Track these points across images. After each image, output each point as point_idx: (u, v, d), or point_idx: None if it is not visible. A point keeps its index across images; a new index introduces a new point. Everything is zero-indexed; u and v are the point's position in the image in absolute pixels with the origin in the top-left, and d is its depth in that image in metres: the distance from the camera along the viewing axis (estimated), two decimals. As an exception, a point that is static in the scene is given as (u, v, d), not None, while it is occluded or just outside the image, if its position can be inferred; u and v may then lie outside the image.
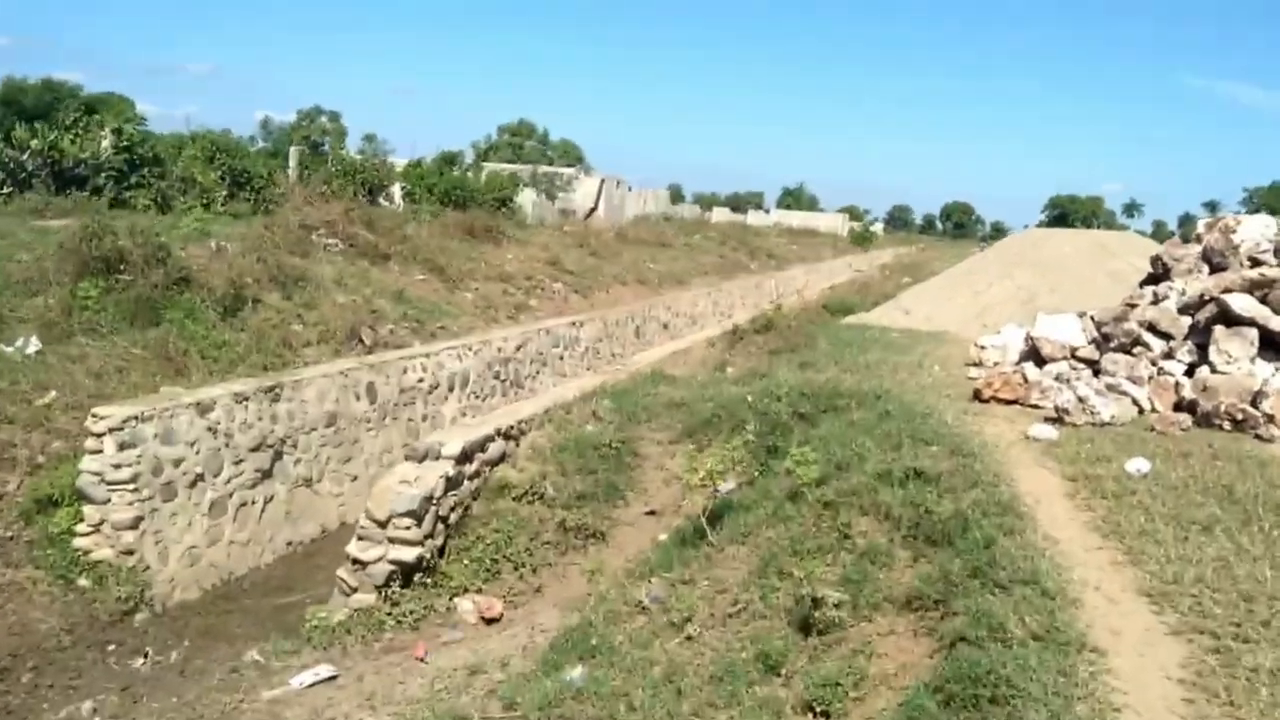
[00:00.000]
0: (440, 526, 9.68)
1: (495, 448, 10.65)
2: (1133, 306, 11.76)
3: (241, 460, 11.45)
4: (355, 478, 13.41)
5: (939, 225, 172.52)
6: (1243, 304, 10.09)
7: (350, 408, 13.68)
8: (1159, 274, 12.32)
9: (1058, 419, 9.54)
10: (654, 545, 9.93)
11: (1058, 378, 10.80)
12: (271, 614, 10.30)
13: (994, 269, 19.26)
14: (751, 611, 7.26)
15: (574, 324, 21.79)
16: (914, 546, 6.98)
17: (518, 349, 19.00)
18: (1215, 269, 11.33)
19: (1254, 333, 9.98)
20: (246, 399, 11.65)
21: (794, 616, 6.84)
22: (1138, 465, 7.57)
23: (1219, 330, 10.14)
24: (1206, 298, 10.62)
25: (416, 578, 9.35)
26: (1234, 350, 9.98)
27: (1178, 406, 10.05)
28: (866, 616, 6.47)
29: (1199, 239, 12.07)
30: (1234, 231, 11.26)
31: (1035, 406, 10.37)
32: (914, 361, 13.49)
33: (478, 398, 17.12)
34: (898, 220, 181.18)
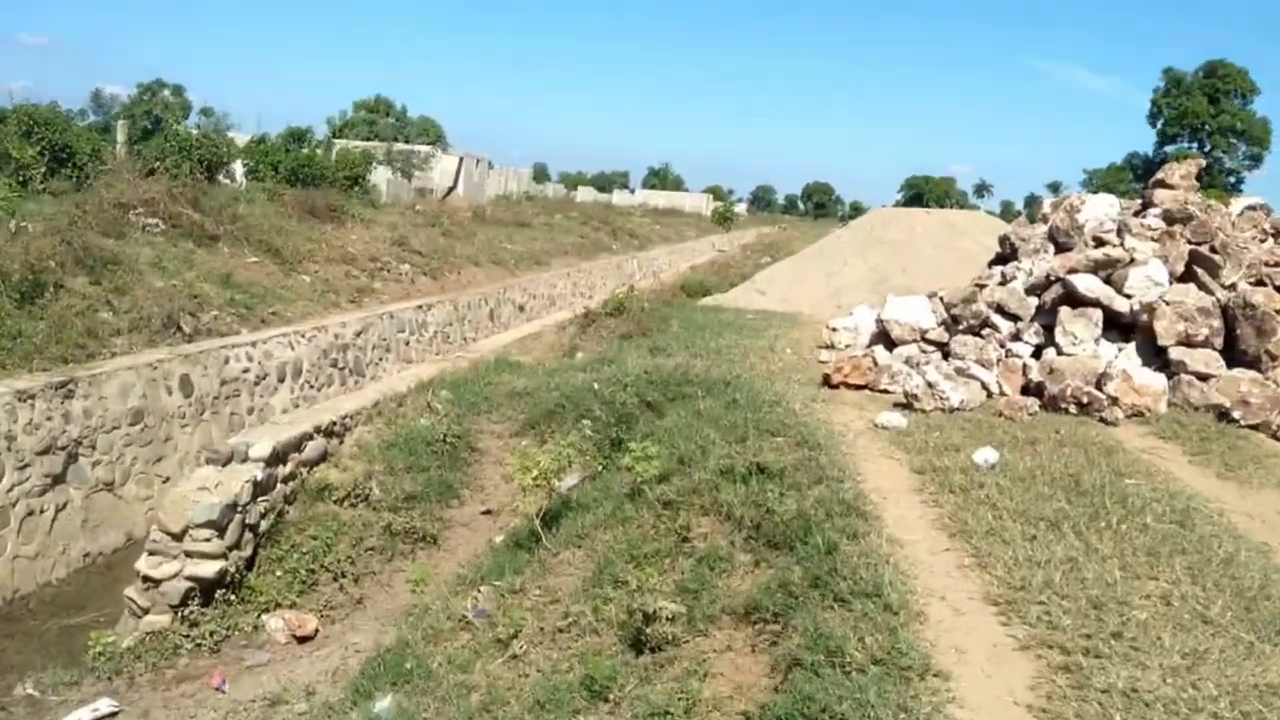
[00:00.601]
0: (248, 536, 8.73)
1: (314, 446, 9.72)
2: (981, 287, 11.59)
3: (26, 465, 10.20)
4: (167, 479, 12.21)
5: (801, 205, 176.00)
6: (1087, 284, 9.97)
7: (160, 403, 12.46)
8: (1007, 254, 12.20)
9: (907, 405, 9.22)
10: (489, 549, 9.23)
11: (907, 361, 10.52)
12: (57, 638, 9.14)
13: (847, 249, 19.13)
14: (582, 626, 6.62)
15: (421, 307, 20.77)
16: (755, 550, 6.46)
17: (358, 335, 17.91)
18: (1061, 249, 11.23)
19: (1098, 313, 9.87)
20: (32, 397, 10.38)
21: (626, 631, 6.23)
22: (985, 456, 7.24)
23: (1064, 311, 10.00)
24: (1052, 278, 10.48)
25: (219, 594, 8.40)
26: (1079, 331, 9.84)
27: (1025, 389, 9.87)
28: (702, 630, 5.91)
29: (1045, 219, 11.99)
30: (1078, 211, 11.18)
31: (885, 391, 10.05)
32: (766, 345, 13.09)
33: (312, 388, 16.00)
34: (761, 201, 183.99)
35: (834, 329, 13.16)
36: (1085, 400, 8.83)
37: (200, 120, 53.91)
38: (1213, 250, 10.08)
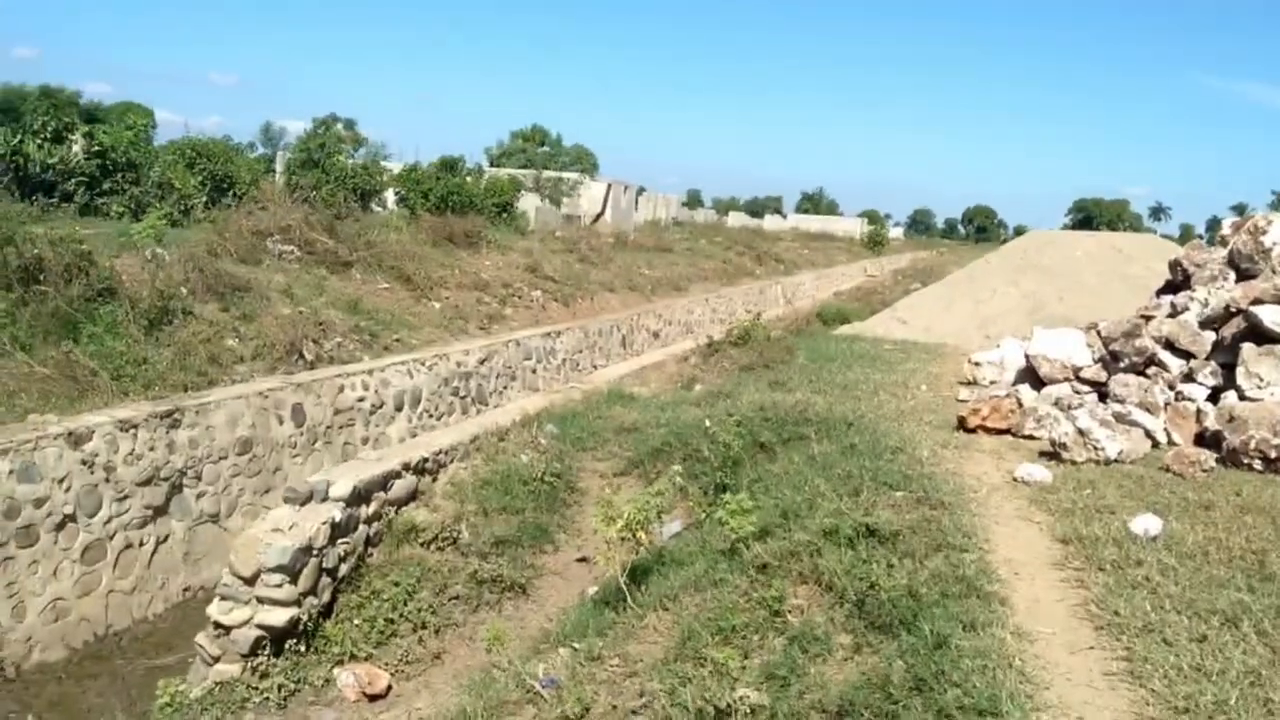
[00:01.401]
0: (326, 581, 8.25)
1: (402, 485, 9.22)
2: (1147, 319, 10.21)
3: (126, 496, 10.06)
4: (275, 511, 12.00)
5: (960, 229, 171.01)
6: (1276, 317, 8.53)
7: (270, 432, 12.28)
8: (1178, 282, 10.75)
9: (1054, 455, 8.03)
10: (579, 602, 8.49)
11: (1057, 403, 9.27)
12: (142, 679, 8.87)
13: (998, 275, 17.67)
14: (656, 710, 5.78)
15: (549, 334, 20.35)
16: (857, 631, 5.49)
17: (481, 363, 17.57)
18: (1243, 276, 9.76)
19: (1290, 351, 8.43)
20: (134, 426, 10.26)
21: (703, 721, 5.38)
22: (1146, 524, 6.04)
23: (1248, 348, 8.58)
24: (1233, 310, 9.06)
25: (291, 644, 7.92)
26: (1265, 373, 8.42)
27: (1199, 439, 8.51)
28: (788, 729, 4.99)
29: (1224, 242, 10.50)
30: (1264, 233, 9.69)
31: (1030, 437, 8.86)
32: (900, 380, 11.97)
33: (432, 417, 15.70)
34: (919, 224, 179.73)
35: (976, 363, 11.95)
36: (1273, 455, 7.45)
37: (350, 150, 55.83)
38: None
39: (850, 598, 5.75)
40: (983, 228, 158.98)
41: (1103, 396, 9.41)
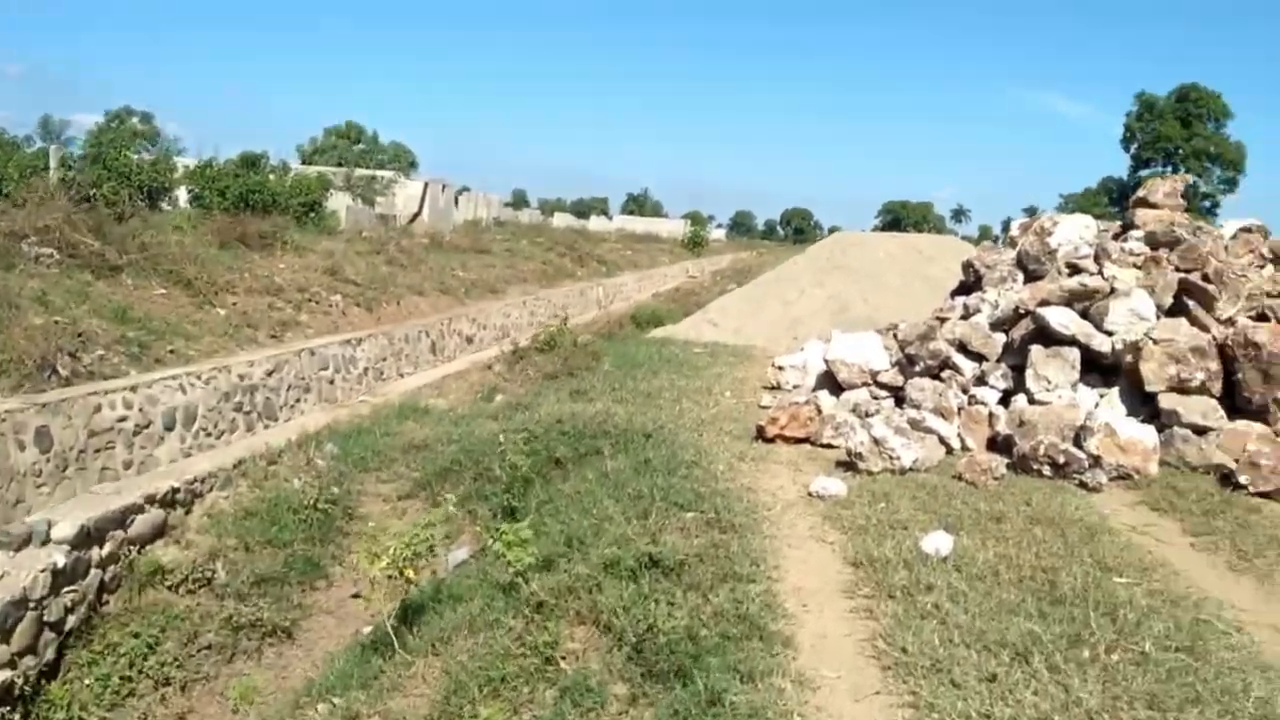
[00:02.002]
0: (49, 637, 7.13)
1: (146, 520, 8.16)
2: (943, 321, 10.15)
3: None
4: (13, 550, 10.55)
5: (780, 230, 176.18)
6: (1061, 318, 8.53)
7: (10, 460, 10.80)
8: (971, 283, 10.78)
9: (851, 465, 7.74)
10: (354, 643, 7.67)
11: (855, 409, 9.04)
12: None
13: (806, 276, 17.71)
14: (409, 782, 5.09)
15: (349, 342, 19.13)
16: (634, 680, 4.92)
17: (269, 374, 16.23)
18: (1031, 277, 9.82)
19: (1075, 353, 8.43)
20: None
21: (460, 794, 4.71)
22: (937, 543, 5.73)
23: (1036, 350, 8.55)
24: (1022, 311, 9.05)
25: (3, 712, 6.78)
26: (1053, 374, 8.39)
27: (992, 443, 8.41)
28: (553, 802, 4.38)
29: (1013, 243, 10.58)
30: (1050, 234, 9.76)
31: (829, 446, 8.57)
32: (704, 386, 11.60)
33: (210, 436, 14.31)
34: (741, 226, 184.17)
35: (780, 367, 11.70)
36: (1062, 460, 7.36)
37: (139, 145, 52.02)
38: (1205, 279, 8.67)
39: (629, 640, 5.19)
40: (800, 229, 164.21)
41: (900, 401, 9.25)
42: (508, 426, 10.29)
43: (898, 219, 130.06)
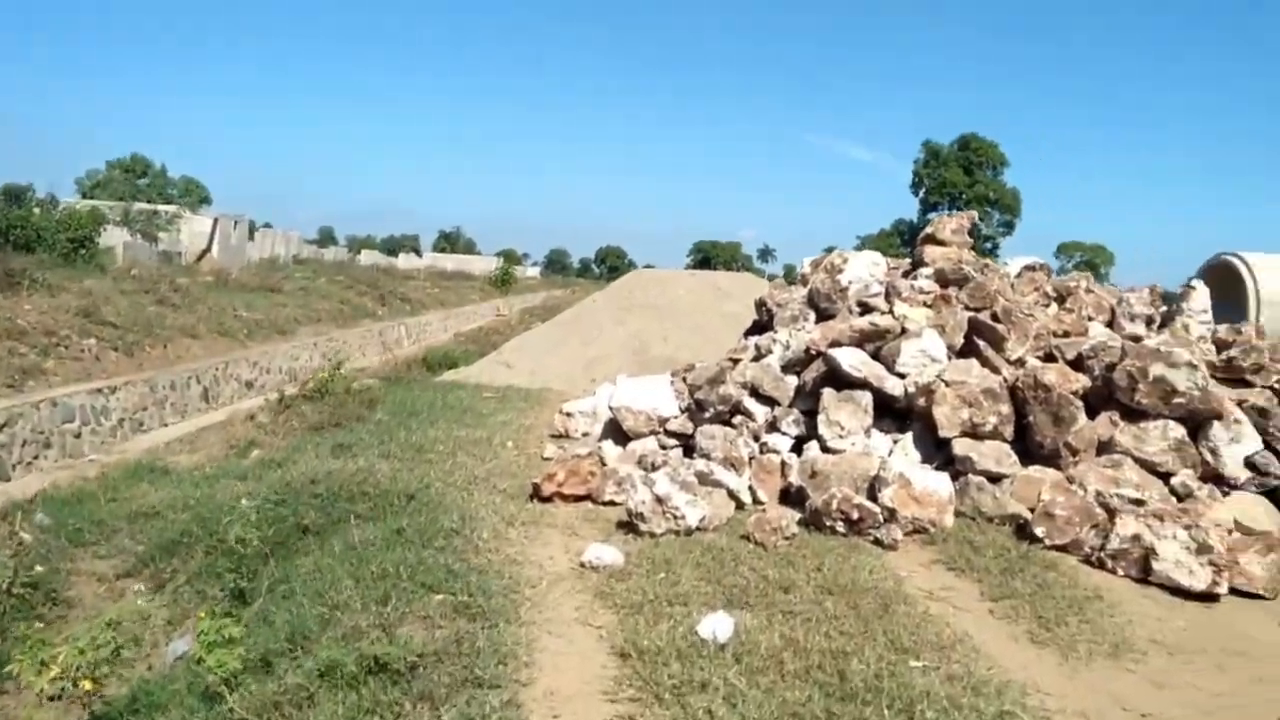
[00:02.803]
0: None
1: None
2: (735, 361, 9.56)
3: None
4: None
5: (595, 268, 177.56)
6: (853, 360, 8.04)
7: None
8: (764, 322, 10.27)
9: (632, 526, 6.93)
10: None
11: (641, 461, 8.27)
12: None
13: (605, 314, 17.03)
14: None
15: (100, 390, 17.13)
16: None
17: (1, 428, 14.21)
18: (823, 316, 9.36)
19: (867, 397, 7.94)
20: None
21: None
22: (716, 626, 4.95)
23: (828, 394, 8.02)
24: (813, 352, 8.53)
25: None
26: (846, 420, 7.87)
27: (785, 494, 7.80)
28: None
29: (805, 280, 10.14)
30: (841, 271, 9.35)
31: (612, 503, 7.76)
32: (485, 436, 10.60)
33: (-89, 504, 12.27)
34: (556, 264, 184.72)
35: (568, 413, 10.87)
36: (856, 516, 6.78)
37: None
38: (995, 318, 8.39)
39: (338, 775, 4.15)
40: (614, 267, 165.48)
41: (691, 450, 8.55)
42: (254, 489, 9.01)
43: (708, 258, 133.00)
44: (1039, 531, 6.53)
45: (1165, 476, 7.34)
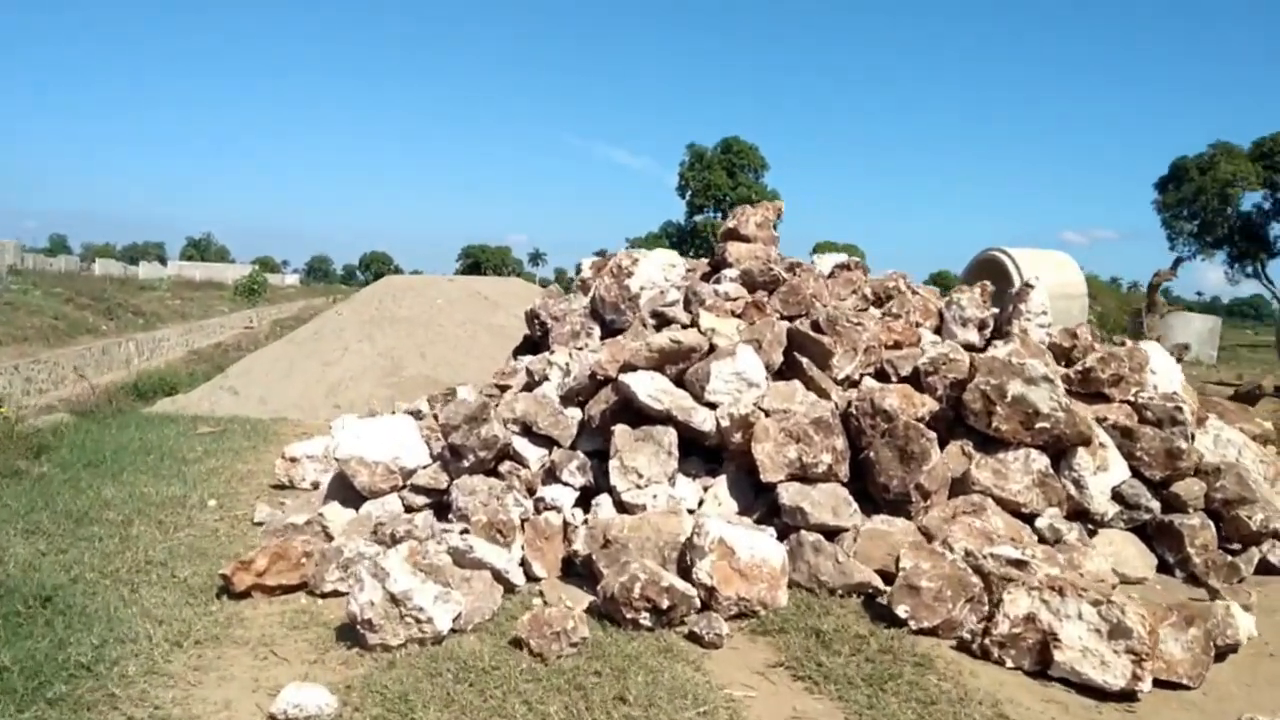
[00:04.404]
0: None
1: None
2: (503, 389, 7.66)
3: None
4: None
5: (360, 275, 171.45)
6: (652, 388, 6.30)
7: None
8: (537, 338, 8.41)
9: (359, 637, 4.90)
10: None
11: (377, 532, 6.21)
12: None
13: (351, 329, 14.65)
14: None
15: None
16: None
17: None
18: (610, 330, 7.62)
19: (671, 434, 6.21)
20: None
21: None
22: None
23: (622, 433, 6.24)
24: (600, 377, 6.74)
25: None
26: (645, 465, 6.11)
27: (570, 566, 5.98)
28: None
29: (585, 287, 8.34)
30: (630, 274, 7.60)
31: (337, 593, 5.69)
32: (183, 493, 8.18)
33: None
34: (318, 271, 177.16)
35: (293, 459, 8.63)
36: (666, 604, 5.02)
37: None
38: (817, 328, 6.87)
39: None
40: (380, 273, 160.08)
41: (446, 509, 6.57)
42: None
43: (478, 263, 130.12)
44: (902, 611, 4.98)
45: (1029, 518, 6.03)
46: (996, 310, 7.86)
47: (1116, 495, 6.18)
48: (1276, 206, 70.71)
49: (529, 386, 7.24)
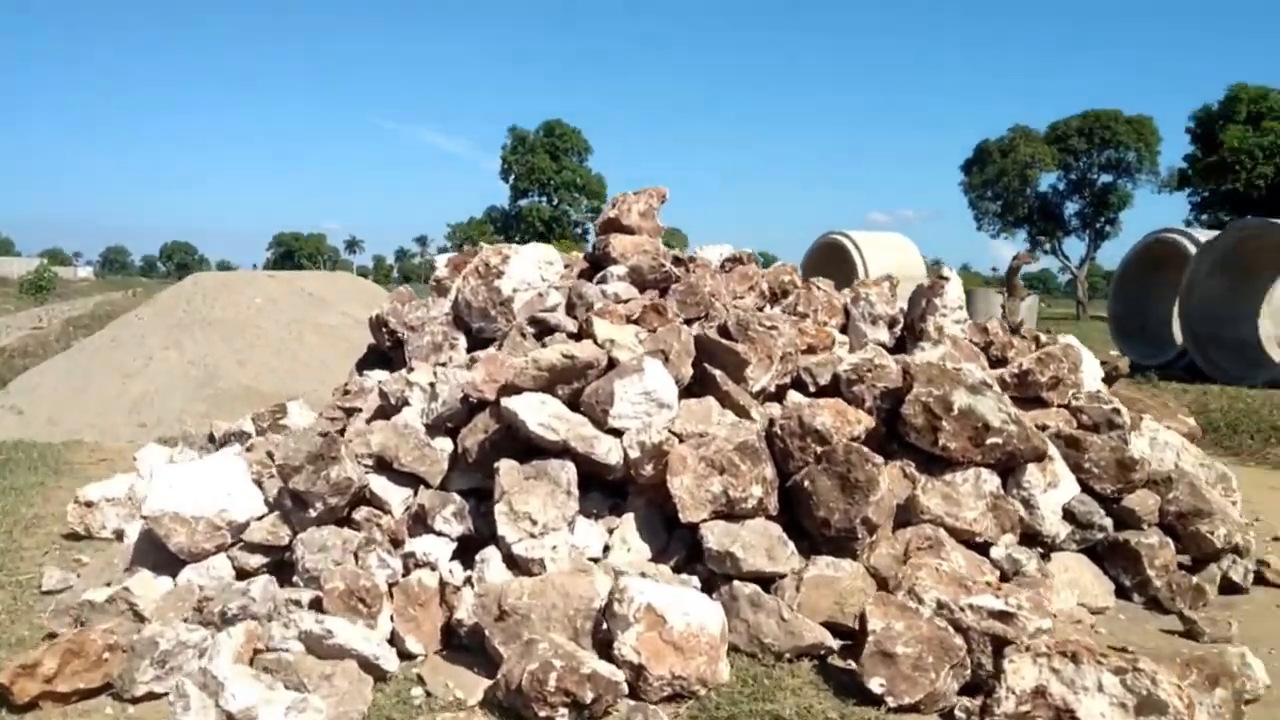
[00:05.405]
0: None
1: None
2: (349, 413, 6.42)
3: None
4: None
5: (161, 267, 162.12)
6: (544, 415, 5.21)
7: None
8: (386, 349, 7.16)
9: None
10: None
11: (201, 608, 4.91)
12: None
13: (156, 333, 12.83)
14: None
15: None
16: None
17: None
18: (479, 341, 6.47)
19: (570, 470, 5.15)
20: None
21: None
22: None
23: (509, 471, 5.13)
24: (475, 400, 5.60)
25: None
26: (539, 509, 5.03)
27: (451, 637, 4.87)
28: None
29: (442, 288, 7.14)
30: (500, 274, 6.46)
31: (153, 696, 4.39)
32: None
33: None
34: (115, 263, 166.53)
35: (89, 503, 7.10)
36: (589, 696, 3.98)
37: None
38: (725, 333, 5.94)
39: None
40: (183, 264, 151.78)
41: (290, 570, 5.33)
42: None
43: (290, 251, 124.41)
44: (877, 685, 4.11)
45: (983, 548, 5.30)
46: (905, 306, 7.15)
47: (1067, 513, 5.54)
48: (1070, 186, 75.13)
49: (385, 412, 6.03)
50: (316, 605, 4.85)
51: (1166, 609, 5.29)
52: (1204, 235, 19.83)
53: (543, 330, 6.09)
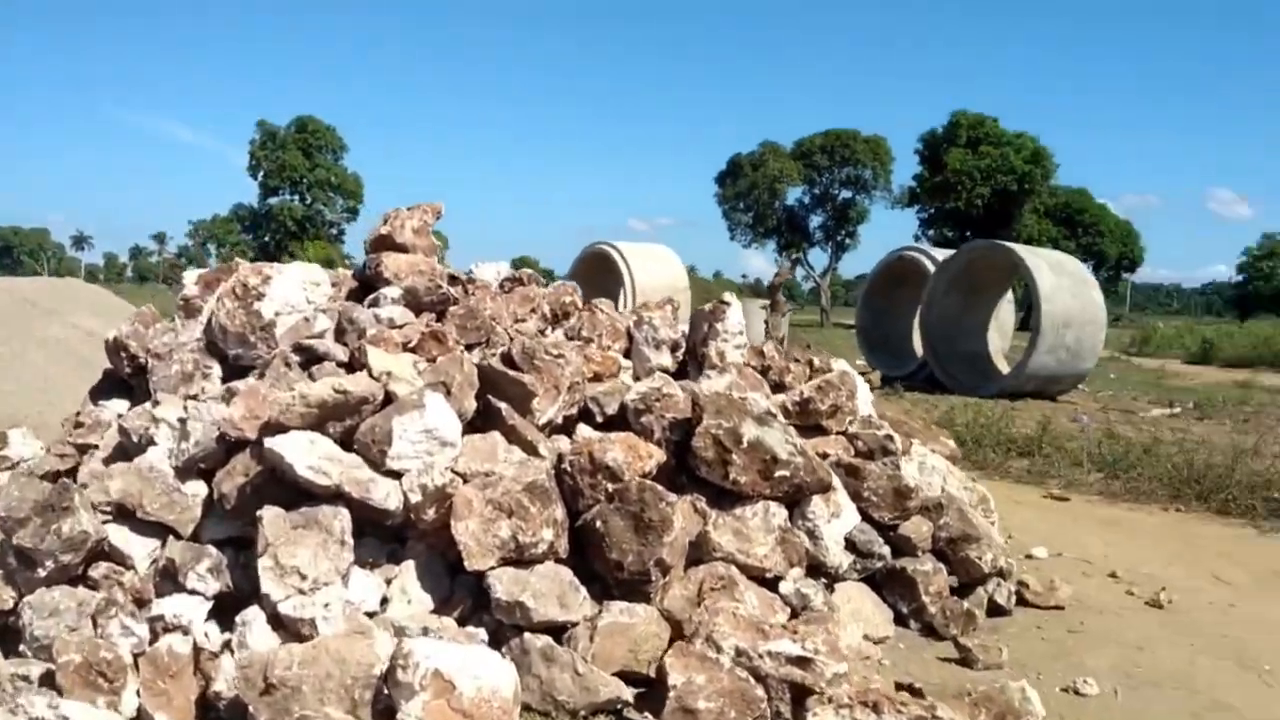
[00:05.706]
0: None
1: None
2: (83, 449, 5.69)
3: None
4: None
5: None
6: (313, 456, 4.74)
7: None
8: (126, 376, 6.39)
9: None
10: None
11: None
12: None
13: None
14: None
15: None
16: None
17: None
18: (238, 370, 5.86)
19: (343, 517, 4.70)
20: None
21: None
22: None
23: (273, 519, 4.62)
24: (233, 439, 5.05)
25: None
26: (309, 563, 4.57)
27: (207, 711, 4.35)
28: None
29: (191, 308, 6.44)
30: (260, 296, 5.86)
31: None
32: None
33: None
34: None
35: None
36: (373, 780, 3.60)
37: None
38: (510, 363, 5.66)
39: None
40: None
41: (16, 639, 4.61)
42: None
43: (9, 247, 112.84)
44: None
45: (772, 583, 5.29)
46: (685, 329, 7.10)
47: (849, 543, 5.63)
48: (815, 200, 79.48)
49: (126, 451, 5.34)
50: (49, 680, 4.20)
51: (941, 635, 5.47)
52: (941, 254, 21.32)
53: (310, 359, 5.59)
